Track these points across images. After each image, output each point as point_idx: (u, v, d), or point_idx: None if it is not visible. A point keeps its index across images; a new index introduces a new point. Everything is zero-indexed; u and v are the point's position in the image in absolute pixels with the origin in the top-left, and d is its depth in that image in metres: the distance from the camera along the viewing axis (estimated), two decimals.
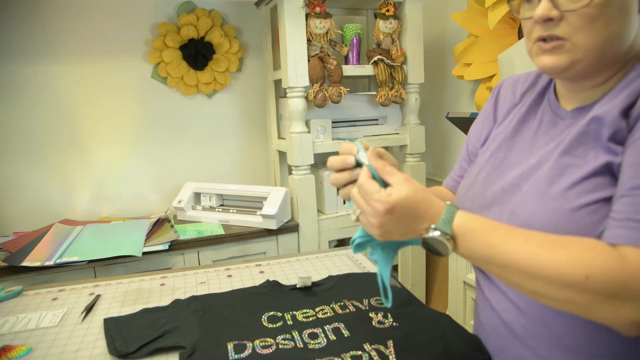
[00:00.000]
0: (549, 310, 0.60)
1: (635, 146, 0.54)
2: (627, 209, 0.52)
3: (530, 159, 0.66)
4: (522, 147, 0.69)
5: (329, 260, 1.12)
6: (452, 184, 0.86)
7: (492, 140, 0.75)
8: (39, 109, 1.68)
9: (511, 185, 0.66)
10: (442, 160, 2.08)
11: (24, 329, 0.82)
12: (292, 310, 0.84)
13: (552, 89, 0.71)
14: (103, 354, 0.74)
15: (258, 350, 0.71)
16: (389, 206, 0.56)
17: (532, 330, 0.63)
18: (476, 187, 0.73)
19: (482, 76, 1.65)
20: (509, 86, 0.79)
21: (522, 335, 0.64)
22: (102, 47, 1.72)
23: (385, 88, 1.72)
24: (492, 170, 0.71)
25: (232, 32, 1.85)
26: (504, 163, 0.70)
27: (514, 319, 0.65)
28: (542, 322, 0.62)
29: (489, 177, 0.71)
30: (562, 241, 0.54)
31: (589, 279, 0.49)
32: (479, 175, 0.73)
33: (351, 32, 1.73)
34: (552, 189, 0.59)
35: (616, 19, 0.56)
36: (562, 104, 0.68)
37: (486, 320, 0.72)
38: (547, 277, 0.52)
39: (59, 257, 1.32)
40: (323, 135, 1.70)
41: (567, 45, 0.58)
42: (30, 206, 1.71)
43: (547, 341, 0.62)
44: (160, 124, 1.85)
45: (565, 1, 0.57)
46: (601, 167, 0.56)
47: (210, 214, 1.69)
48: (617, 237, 0.52)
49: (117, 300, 0.94)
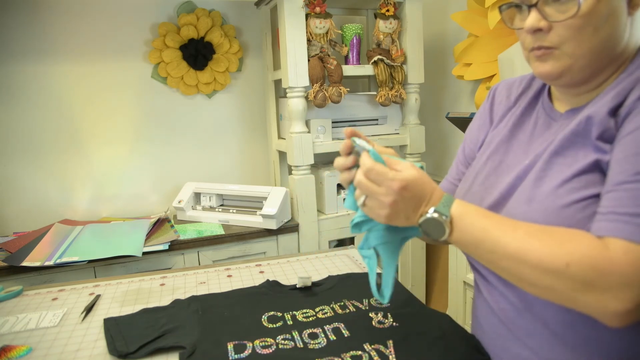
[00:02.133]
0: (548, 309, 0.61)
1: (622, 143, 0.55)
2: (611, 203, 0.53)
3: (525, 161, 0.67)
4: (518, 150, 0.70)
5: (329, 260, 1.12)
6: (448, 187, 0.85)
7: (489, 144, 0.76)
8: (40, 109, 1.68)
9: (508, 187, 0.66)
10: (442, 160, 2.08)
11: (24, 329, 0.82)
12: (292, 310, 0.84)
13: (547, 92, 0.72)
14: (103, 354, 0.74)
15: (258, 350, 0.71)
16: (405, 183, 0.59)
17: (531, 329, 0.63)
18: (474, 191, 0.73)
19: (482, 76, 1.65)
20: (504, 89, 0.80)
21: (521, 334, 0.64)
22: (102, 47, 1.72)
23: (385, 88, 1.72)
24: (490, 173, 0.72)
25: (232, 32, 1.85)
26: (501, 166, 0.71)
27: (512, 318, 0.65)
28: (541, 321, 0.62)
29: (487, 180, 0.72)
30: (550, 230, 0.56)
31: (569, 266, 0.51)
32: (476, 178, 0.74)
33: (351, 32, 1.73)
34: (542, 188, 0.61)
35: (604, 25, 0.57)
36: (556, 106, 0.69)
37: (484, 320, 0.72)
38: (531, 263, 0.54)
39: (59, 257, 1.32)
40: (323, 135, 1.70)
41: (556, 53, 0.60)
42: (30, 206, 1.71)
43: (547, 340, 0.62)
44: (160, 124, 1.85)
45: (553, 12, 0.58)
46: (590, 165, 0.57)
47: (210, 214, 1.69)
48: (602, 229, 0.53)
49: (117, 300, 0.94)
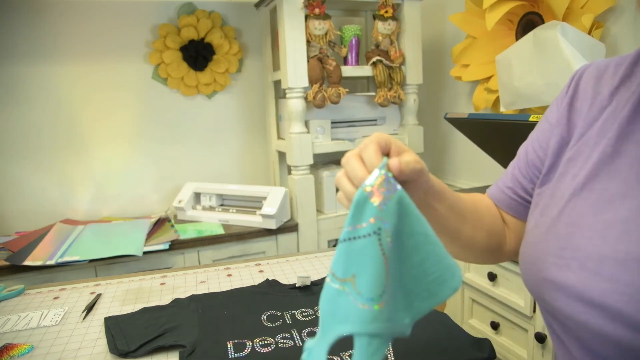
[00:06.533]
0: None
1: None
2: None
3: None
4: (630, 174, 0.47)
5: (328, 260, 1.13)
6: (498, 195, 0.65)
7: (574, 160, 0.52)
8: (41, 109, 1.68)
9: (616, 233, 0.45)
10: (440, 161, 2.08)
11: (26, 328, 0.83)
12: (291, 310, 0.85)
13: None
14: (104, 352, 0.74)
15: (257, 349, 0.72)
16: None
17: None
18: (560, 231, 0.50)
19: (480, 77, 1.66)
20: (592, 78, 0.55)
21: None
22: (103, 48, 1.73)
23: (384, 89, 1.73)
24: (586, 211, 0.48)
25: (232, 34, 1.86)
26: (603, 198, 0.47)
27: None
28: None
29: (582, 220, 0.48)
30: None
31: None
32: (563, 213, 0.50)
33: (350, 33, 1.73)
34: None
35: None
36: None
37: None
38: None
39: (60, 256, 1.33)
40: (322, 136, 1.70)
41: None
42: (32, 206, 1.72)
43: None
44: (160, 125, 1.86)
45: None
46: None
47: (210, 214, 1.69)
48: None
49: (118, 300, 0.95)
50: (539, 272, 0.50)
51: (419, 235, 0.43)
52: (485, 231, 0.62)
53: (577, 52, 1.15)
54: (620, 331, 0.42)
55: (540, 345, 1.15)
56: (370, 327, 0.40)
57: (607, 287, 0.43)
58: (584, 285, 0.45)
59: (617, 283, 0.42)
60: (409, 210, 0.42)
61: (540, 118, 1.12)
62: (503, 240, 0.64)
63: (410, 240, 0.42)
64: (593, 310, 0.44)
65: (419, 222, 0.43)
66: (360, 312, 0.39)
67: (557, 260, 0.48)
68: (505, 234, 0.65)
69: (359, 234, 0.40)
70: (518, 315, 1.23)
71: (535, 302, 1.17)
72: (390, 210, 0.40)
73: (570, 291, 0.46)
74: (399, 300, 0.43)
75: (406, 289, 0.43)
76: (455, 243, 0.60)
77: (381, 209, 0.40)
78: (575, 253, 0.47)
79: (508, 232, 0.65)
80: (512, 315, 1.25)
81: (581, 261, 0.46)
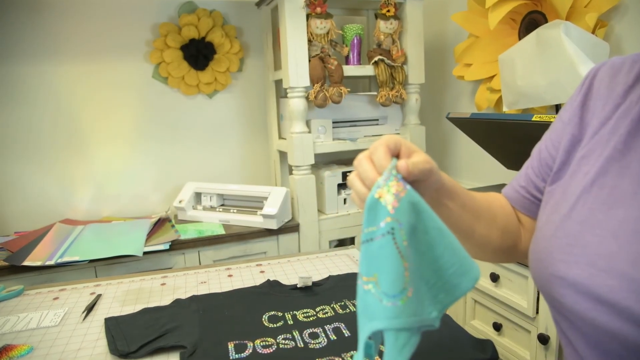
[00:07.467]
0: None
1: None
2: None
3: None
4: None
5: (330, 260, 1.13)
6: (512, 195, 0.65)
7: (587, 158, 0.52)
8: (41, 109, 1.68)
9: (627, 231, 0.45)
10: (442, 161, 2.08)
11: (25, 329, 0.83)
12: (292, 310, 0.84)
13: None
14: (104, 353, 0.74)
15: (259, 350, 0.71)
16: None
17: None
18: (570, 228, 0.49)
19: (482, 77, 1.66)
20: (606, 75, 0.55)
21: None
22: (103, 47, 1.73)
23: (386, 88, 1.72)
24: (596, 208, 0.48)
25: (233, 33, 1.85)
26: (613, 195, 0.47)
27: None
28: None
29: (592, 217, 0.48)
30: None
31: None
32: (573, 210, 0.50)
33: (352, 32, 1.73)
34: None
35: None
36: None
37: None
38: None
39: (60, 256, 1.33)
40: (324, 136, 1.70)
41: None
42: (31, 206, 1.71)
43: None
44: (161, 124, 1.85)
45: None
46: None
47: (210, 214, 1.69)
48: None
49: (118, 300, 0.94)
50: (547, 268, 0.50)
51: (434, 230, 0.45)
52: (499, 229, 0.62)
53: (581, 52, 1.14)
54: (628, 328, 0.42)
55: (543, 347, 1.14)
56: (395, 323, 0.42)
57: (616, 284, 0.43)
58: (592, 282, 0.45)
59: (626, 280, 0.42)
60: (420, 207, 0.44)
61: (543, 118, 1.11)
62: (518, 239, 0.65)
63: (426, 236, 0.44)
64: (601, 307, 0.44)
65: (432, 218, 0.45)
66: (385, 309, 0.42)
67: (566, 257, 0.48)
68: (520, 232, 0.65)
69: (375, 235, 0.43)
70: (521, 317, 1.22)
71: (538, 304, 1.16)
72: (403, 209, 0.42)
73: (579, 288, 0.46)
74: (423, 294, 0.45)
75: (429, 284, 0.46)
76: (469, 241, 0.60)
77: (393, 210, 0.42)
78: (584, 250, 0.47)
79: (523, 231, 0.65)
80: (514, 317, 1.25)
81: (590, 258, 0.46)
